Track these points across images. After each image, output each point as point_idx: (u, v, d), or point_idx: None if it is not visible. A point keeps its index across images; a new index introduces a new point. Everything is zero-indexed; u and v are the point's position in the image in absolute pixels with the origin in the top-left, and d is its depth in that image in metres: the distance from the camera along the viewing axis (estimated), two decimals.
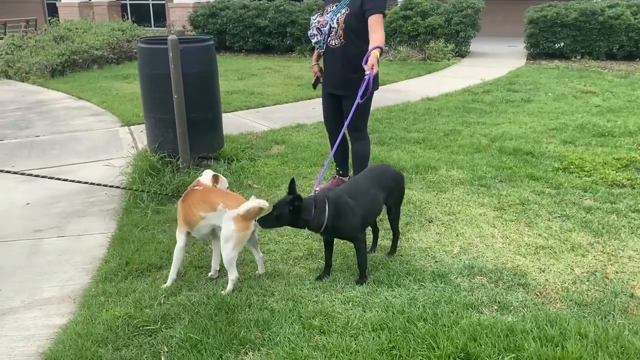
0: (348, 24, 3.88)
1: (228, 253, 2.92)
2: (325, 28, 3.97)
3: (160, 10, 19.94)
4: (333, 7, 3.97)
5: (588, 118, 6.65)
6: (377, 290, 2.98)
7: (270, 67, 11.49)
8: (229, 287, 2.98)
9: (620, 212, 3.97)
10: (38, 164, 5.48)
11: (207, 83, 4.79)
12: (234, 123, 6.71)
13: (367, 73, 3.54)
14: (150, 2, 20.19)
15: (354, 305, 2.85)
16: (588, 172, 4.75)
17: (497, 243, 3.57)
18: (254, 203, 2.88)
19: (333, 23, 3.93)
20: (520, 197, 4.26)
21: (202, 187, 3.17)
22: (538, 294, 2.97)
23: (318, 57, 4.30)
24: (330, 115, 4.34)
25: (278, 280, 3.13)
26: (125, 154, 5.33)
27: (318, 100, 5.10)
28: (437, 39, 12.06)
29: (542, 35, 12.00)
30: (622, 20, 11.30)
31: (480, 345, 2.45)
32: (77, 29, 13.16)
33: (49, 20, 15.36)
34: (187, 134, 4.61)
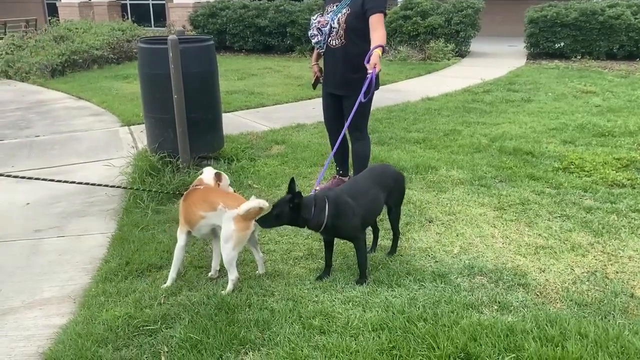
0: (349, 24, 3.88)
1: (228, 253, 2.93)
2: (326, 28, 3.97)
3: (160, 10, 19.95)
4: (333, 7, 3.96)
5: (588, 118, 6.64)
6: (377, 290, 2.98)
7: (270, 67, 11.49)
8: (229, 287, 2.98)
9: (621, 212, 3.97)
10: (38, 164, 5.48)
11: (207, 83, 4.79)
12: (234, 123, 6.71)
13: (369, 72, 3.54)
14: (150, 2, 20.19)
15: (354, 305, 2.85)
16: (588, 172, 4.75)
17: (497, 243, 3.57)
18: (254, 203, 2.88)
19: (334, 23, 3.93)
20: (521, 197, 4.26)
21: (203, 186, 3.18)
22: (538, 294, 2.97)
23: (318, 57, 4.29)
24: (331, 116, 4.34)
25: (278, 280, 3.13)
26: (125, 154, 5.33)
27: (318, 100, 5.10)
28: (437, 39, 12.06)
29: (542, 35, 12.00)
30: (622, 20, 11.30)
31: (481, 345, 2.45)
32: (77, 29, 13.16)
33: (49, 20, 15.37)
34: (187, 134, 4.61)
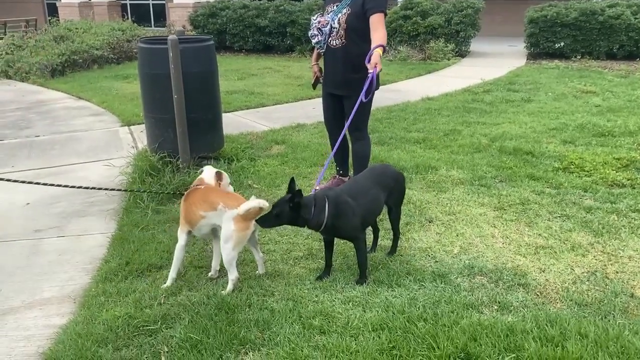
0: (350, 24, 3.88)
1: (228, 253, 2.93)
2: (326, 28, 3.96)
3: (160, 10, 19.94)
4: (334, 7, 3.96)
5: (588, 118, 6.64)
6: (377, 290, 2.98)
7: (270, 67, 11.49)
8: (229, 287, 2.98)
9: (621, 212, 3.97)
10: (38, 164, 5.48)
11: (207, 83, 4.79)
12: (234, 123, 6.71)
13: (370, 71, 3.53)
14: (150, 2, 20.19)
15: (354, 305, 2.84)
16: (588, 172, 4.75)
17: (497, 243, 3.57)
18: (254, 203, 2.88)
19: (334, 23, 3.93)
20: (521, 197, 4.26)
21: (204, 185, 3.18)
22: (538, 294, 2.97)
23: (318, 57, 4.29)
24: (331, 116, 4.34)
25: (278, 280, 3.13)
26: (125, 154, 5.33)
27: (318, 100, 5.10)
28: (437, 39, 12.06)
29: (542, 35, 12.00)
30: (622, 20, 11.30)
31: (481, 345, 2.45)
32: (77, 29, 13.16)
33: (49, 20, 15.36)
34: (187, 134, 4.61)
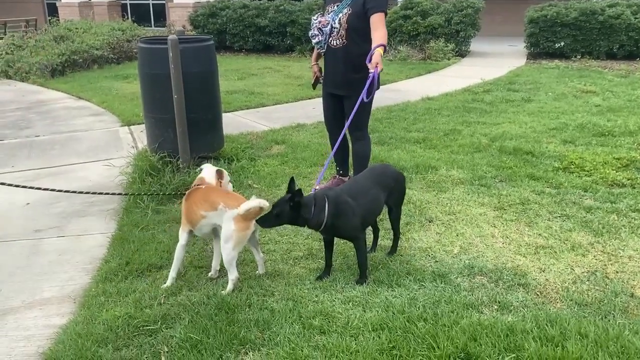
0: (351, 24, 3.88)
1: (228, 253, 2.93)
2: (327, 28, 3.96)
3: (160, 10, 19.94)
4: (334, 7, 3.96)
5: (588, 118, 6.64)
6: (377, 290, 2.98)
7: (270, 66, 11.49)
8: (229, 287, 2.98)
9: (621, 211, 3.97)
10: (38, 164, 5.48)
11: (207, 83, 4.79)
12: (234, 123, 6.71)
13: (371, 71, 3.53)
14: (150, 2, 20.19)
15: (354, 305, 2.84)
16: (588, 171, 4.75)
17: (497, 243, 3.57)
18: (255, 202, 2.88)
19: (335, 23, 3.93)
20: (521, 196, 4.26)
21: (205, 185, 3.18)
22: (538, 294, 2.97)
23: (317, 57, 4.29)
24: (331, 115, 4.33)
25: (278, 280, 3.13)
26: (125, 154, 5.33)
27: (318, 100, 5.10)
28: (437, 39, 12.06)
29: (542, 35, 12.00)
30: (622, 20, 11.30)
31: (481, 345, 2.45)
32: (77, 29, 13.15)
33: (49, 20, 15.36)
34: (187, 134, 4.61)
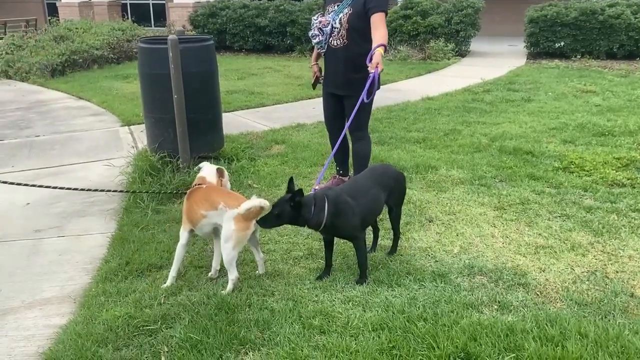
0: (351, 24, 3.87)
1: (228, 253, 2.93)
2: (327, 28, 3.96)
3: (160, 10, 19.93)
4: (335, 7, 3.95)
5: (588, 117, 6.64)
6: (377, 290, 2.98)
7: (270, 66, 11.49)
8: (229, 287, 2.98)
9: (621, 211, 3.97)
10: (38, 164, 5.48)
11: (207, 83, 4.79)
12: (234, 123, 6.71)
13: (372, 71, 3.53)
14: (150, 1, 20.19)
15: (354, 305, 2.85)
16: (588, 171, 4.75)
17: (497, 243, 3.57)
18: (255, 202, 2.88)
19: (335, 23, 3.92)
20: (521, 196, 4.25)
21: (206, 185, 3.18)
22: (538, 294, 2.97)
23: (317, 56, 4.29)
24: (331, 115, 4.33)
25: (278, 280, 3.13)
26: (126, 154, 5.33)
27: (318, 100, 5.10)
28: (437, 39, 12.06)
29: (542, 35, 11.99)
30: (622, 20, 11.30)
31: (480, 345, 2.45)
32: (77, 29, 13.15)
33: (49, 20, 15.36)
34: (187, 134, 4.61)
